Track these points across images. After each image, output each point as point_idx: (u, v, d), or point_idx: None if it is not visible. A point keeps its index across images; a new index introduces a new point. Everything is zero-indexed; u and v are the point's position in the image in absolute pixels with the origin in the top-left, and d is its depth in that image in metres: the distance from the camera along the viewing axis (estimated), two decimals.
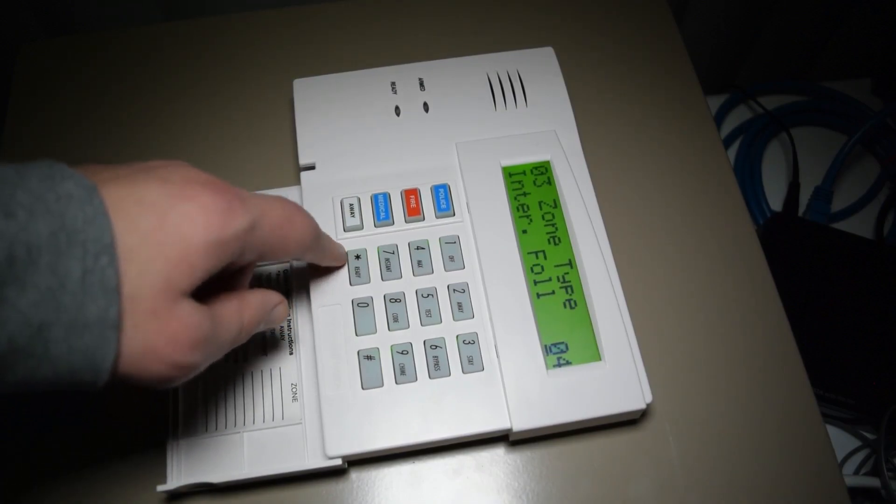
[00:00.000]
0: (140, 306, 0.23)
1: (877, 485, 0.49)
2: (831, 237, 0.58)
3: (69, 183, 0.23)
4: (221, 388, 0.35)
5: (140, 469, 0.35)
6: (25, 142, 0.44)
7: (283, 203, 0.29)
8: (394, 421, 0.33)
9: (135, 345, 0.23)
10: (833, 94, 0.69)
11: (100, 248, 0.22)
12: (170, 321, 0.24)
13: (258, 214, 0.27)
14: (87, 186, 0.23)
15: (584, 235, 0.37)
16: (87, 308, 0.22)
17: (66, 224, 0.22)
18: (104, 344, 0.23)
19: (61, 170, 0.23)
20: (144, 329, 0.24)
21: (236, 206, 0.26)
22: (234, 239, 0.25)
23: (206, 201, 0.25)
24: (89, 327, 0.22)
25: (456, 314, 0.35)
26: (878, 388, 0.51)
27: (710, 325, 0.39)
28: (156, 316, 0.24)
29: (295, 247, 0.30)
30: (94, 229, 0.22)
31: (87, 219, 0.22)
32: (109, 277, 0.22)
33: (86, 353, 0.22)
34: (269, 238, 0.28)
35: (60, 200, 0.22)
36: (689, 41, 0.49)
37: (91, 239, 0.22)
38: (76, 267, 0.22)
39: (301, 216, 0.30)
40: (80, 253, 0.22)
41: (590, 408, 0.33)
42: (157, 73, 0.47)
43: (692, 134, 0.44)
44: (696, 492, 0.35)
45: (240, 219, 0.26)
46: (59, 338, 0.22)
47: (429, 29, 0.48)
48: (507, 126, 0.40)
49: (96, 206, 0.23)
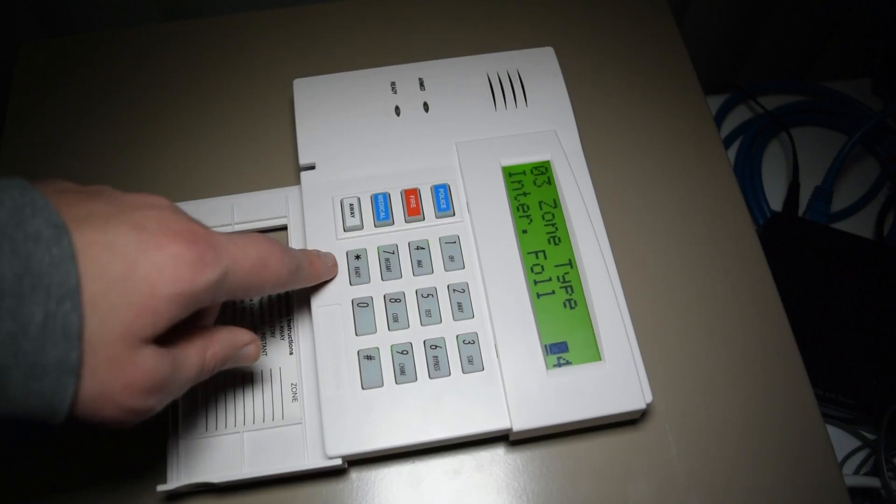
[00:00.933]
0: (100, 353, 0.23)
1: (877, 485, 0.49)
2: (831, 237, 0.58)
3: (38, 220, 0.22)
4: (221, 388, 0.35)
5: (140, 469, 0.35)
6: (25, 142, 0.44)
7: (258, 245, 0.29)
8: (394, 421, 0.33)
9: (91, 390, 0.23)
10: (833, 94, 0.69)
11: (63, 292, 0.22)
12: (128, 369, 0.24)
13: (230, 263, 0.26)
14: (57, 225, 0.23)
15: (584, 235, 0.37)
16: (47, 353, 0.22)
17: (32, 267, 0.22)
18: (62, 388, 0.22)
19: (32, 200, 0.23)
20: (102, 376, 0.23)
21: (208, 258, 0.25)
22: (202, 291, 0.25)
23: (176, 252, 0.25)
24: (48, 372, 0.22)
25: (456, 314, 0.35)
26: (878, 388, 0.51)
27: (710, 325, 0.39)
28: (115, 363, 0.24)
29: (270, 286, 0.30)
30: (59, 273, 0.22)
31: (53, 262, 0.22)
32: (71, 323, 0.22)
33: (43, 395, 0.22)
34: (242, 283, 0.28)
35: (28, 240, 0.22)
36: (689, 41, 0.49)
37: (55, 283, 0.22)
38: (38, 312, 0.22)
39: (276, 257, 0.29)
40: (43, 297, 0.22)
41: (590, 408, 0.33)
42: (156, 74, 0.47)
43: (692, 134, 0.44)
44: (696, 492, 0.35)
45: (210, 271, 0.25)
46: (17, 381, 0.22)
47: (429, 29, 0.48)
48: (507, 126, 0.40)
49: (64, 249, 0.22)
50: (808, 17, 0.71)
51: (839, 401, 0.51)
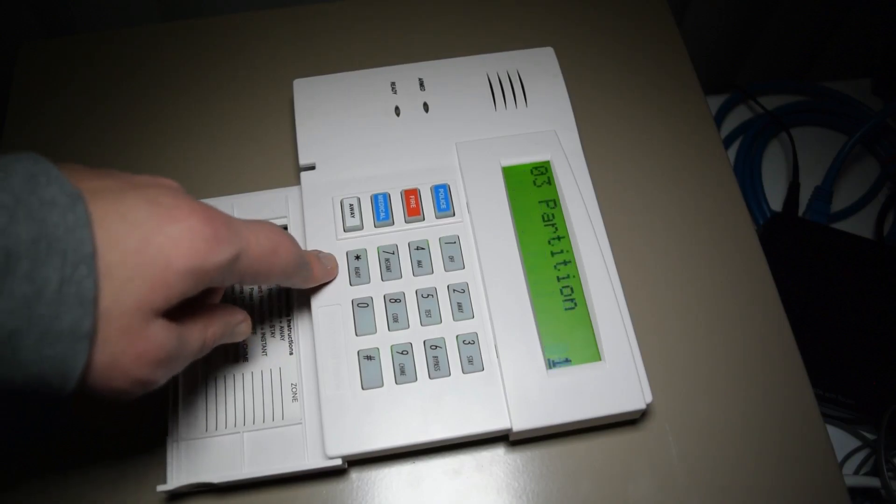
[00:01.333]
0: (114, 323, 0.23)
1: (877, 485, 0.49)
2: (831, 237, 0.58)
3: (53, 188, 0.22)
4: (221, 388, 0.35)
5: (140, 469, 0.35)
6: (25, 142, 0.44)
7: (269, 232, 0.29)
8: (394, 421, 0.33)
9: (103, 359, 0.23)
10: (833, 94, 0.69)
11: (79, 258, 0.22)
12: (139, 340, 0.24)
13: (244, 245, 0.27)
14: (71, 193, 0.23)
15: (584, 235, 0.37)
16: (62, 318, 0.22)
17: (47, 232, 0.22)
18: (75, 355, 0.22)
19: (46, 170, 0.23)
20: (114, 345, 0.24)
21: (223, 236, 0.25)
22: (215, 268, 0.25)
23: (192, 227, 0.25)
24: (62, 337, 0.22)
25: (456, 314, 0.35)
26: (878, 388, 0.51)
27: (710, 325, 0.39)
28: (127, 334, 0.24)
29: (277, 276, 0.30)
30: (74, 239, 0.22)
31: (68, 227, 0.22)
32: (86, 289, 0.22)
33: (55, 361, 0.22)
34: (252, 267, 0.28)
35: (43, 206, 0.22)
36: (689, 41, 0.49)
37: (71, 248, 0.22)
38: (54, 276, 0.21)
39: (285, 247, 0.30)
40: (58, 262, 0.22)
41: (590, 408, 0.33)
42: (156, 73, 0.47)
43: (692, 134, 0.44)
44: (696, 492, 0.35)
45: (225, 249, 0.25)
46: (30, 346, 0.22)
47: (429, 29, 0.48)
48: (507, 126, 0.40)
49: (79, 215, 0.22)
50: (808, 17, 0.71)
51: (839, 401, 0.51)
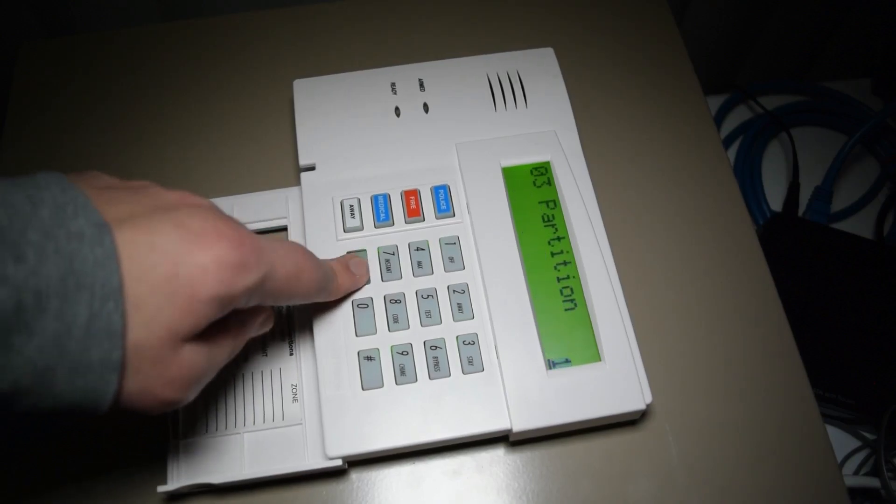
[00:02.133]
0: (144, 353, 0.24)
1: (877, 485, 0.49)
2: (831, 237, 0.58)
3: (81, 220, 0.22)
4: (221, 388, 0.35)
5: (140, 469, 0.35)
6: (25, 142, 0.44)
7: (296, 255, 0.29)
8: (394, 421, 0.33)
9: (135, 386, 0.24)
10: (833, 94, 0.69)
11: (107, 292, 0.22)
12: (170, 366, 0.25)
13: (270, 269, 0.27)
14: (99, 224, 0.23)
15: (584, 235, 0.37)
16: (91, 351, 0.22)
17: (75, 267, 0.22)
18: (105, 384, 0.23)
19: (74, 198, 0.23)
20: (145, 374, 0.24)
21: (250, 262, 0.26)
22: (242, 294, 0.26)
23: (220, 255, 0.25)
24: (92, 369, 0.22)
25: (456, 315, 0.35)
26: (878, 388, 0.51)
27: (710, 325, 0.39)
28: (158, 362, 0.24)
29: (300, 297, 0.31)
30: (102, 273, 0.22)
31: (96, 261, 0.22)
32: (115, 322, 0.22)
33: (87, 391, 0.23)
34: (277, 290, 0.28)
35: (71, 240, 0.22)
36: (689, 41, 0.49)
37: (99, 283, 0.22)
38: (83, 312, 0.22)
39: (309, 270, 0.30)
40: (87, 297, 0.22)
41: (590, 408, 0.33)
42: (156, 74, 0.47)
43: (692, 134, 0.44)
44: (696, 492, 0.35)
45: (252, 275, 0.26)
46: (62, 378, 0.22)
47: (429, 29, 0.48)
48: (507, 126, 0.40)
49: (106, 249, 0.22)
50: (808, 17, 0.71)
51: (839, 401, 0.51)
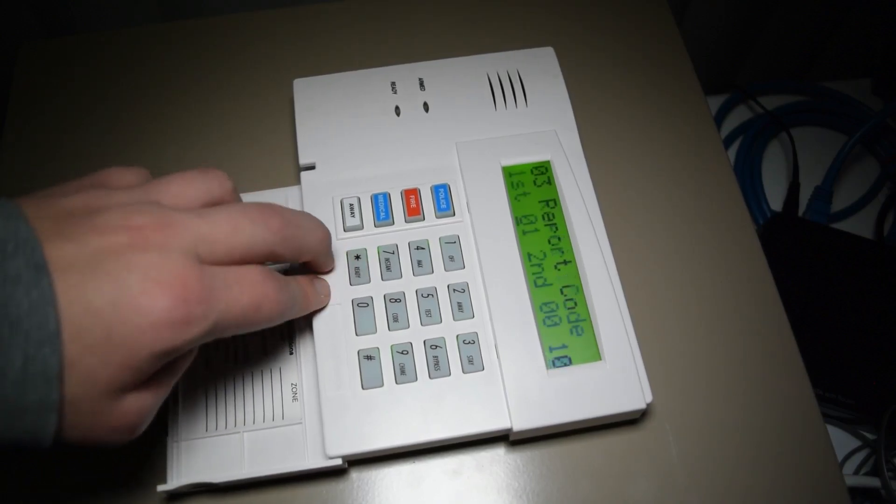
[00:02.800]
0: (81, 408, 0.23)
1: (877, 485, 0.49)
2: (831, 237, 0.58)
3: (19, 260, 0.22)
4: (221, 388, 0.35)
5: (140, 469, 0.35)
6: (25, 142, 0.44)
7: (253, 289, 0.27)
8: (394, 421, 0.33)
9: (75, 433, 0.24)
10: (833, 94, 0.69)
11: (43, 336, 0.22)
12: (111, 416, 0.24)
13: (220, 314, 0.25)
14: (38, 266, 0.22)
15: (584, 235, 0.37)
16: (28, 395, 0.22)
17: (10, 311, 0.21)
18: (44, 425, 0.23)
19: (16, 232, 0.22)
20: (87, 425, 0.24)
21: (195, 315, 0.24)
22: (186, 344, 0.25)
23: (159, 314, 0.23)
24: (30, 411, 0.22)
25: (456, 314, 0.35)
26: (878, 388, 0.51)
27: (710, 325, 0.39)
28: (96, 415, 0.24)
29: (262, 325, 0.29)
30: (38, 317, 0.22)
31: (32, 306, 0.22)
32: (51, 367, 0.22)
33: (25, 431, 0.23)
34: (230, 327, 0.27)
35: (7, 283, 0.21)
36: (689, 41, 0.49)
37: (35, 327, 0.22)
38: (17, 357, 0.21)
39: (270, 300, 0.28)
40: (22, 342, 0.21)
41: (590, 408, 0.33)
42: (156, 73, 0.47)
43: (692, 134, 0.44)
44: (696, 492, 0.35)
45: (197, 327, 0.24)
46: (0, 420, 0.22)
47: (429, 29, 0.48)
48: (507, 126, 0.40)
49: (43, 292, 0.22)
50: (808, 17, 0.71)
51: (839, 401, 0.51)
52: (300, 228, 0.30)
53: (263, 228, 0.28)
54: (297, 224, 0.30)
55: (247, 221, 0.28)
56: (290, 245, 0.30)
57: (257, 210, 0.28)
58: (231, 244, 0.27)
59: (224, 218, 0.27)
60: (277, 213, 0.29)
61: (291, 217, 0.30)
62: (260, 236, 0.28)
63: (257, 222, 0.28)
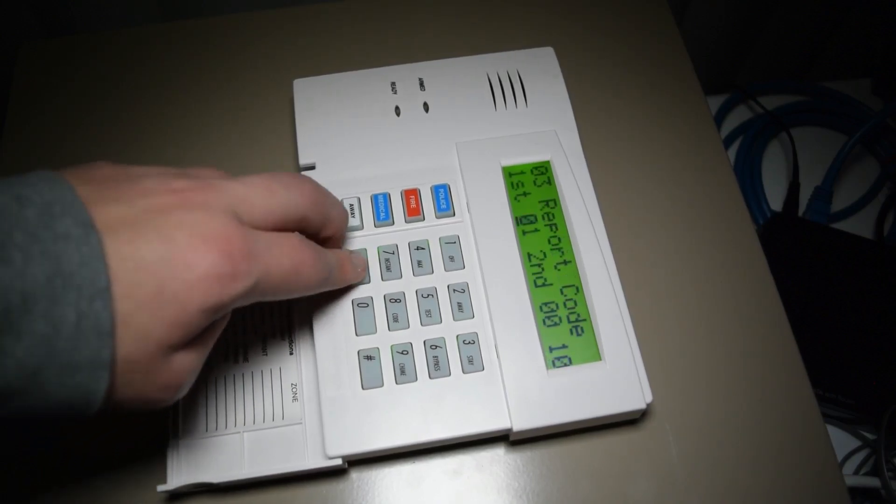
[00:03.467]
0: (134, 367, 0.24)
1: (877, 485, 0.49)
2: (831, 237, 0.58)
3: (68, 220, 0.22)
4: (221, 388, 0.35)
5: (140, 469, 0.35)
6: (25, 142, 0.44)
7: (293, 252, 0.28)
8: (394, 421, 0.33)
9: (126, 394, 0.24)
10: (833, 94, 0.69)
11: (94, 291, 0.22)
12: (161, 375, 0.25)
13: (262, 273, 0.26)
14: (86, 224, 0.23)
15: (584, 235, 0.37)
16: (81, 350, 0.22)
17: (62, 267, 0.22)
18: (95, 382, 0.23)
19: (62, 196, 0.23)
20: (137, 384, 0.24)
21: (240, 271, 0.25)
22: (232, 301, 0.25)
23: (207, 268, 0.24)
24: (82, 368, 0.22)
25: (456, 314, 0.35)
26: (878, 388, 0.51)
27: (711, 325, 0.39)
28: (149, 373, 0.24)
29: (301, 291, 0.30)
30: (89, 272, 0.22)
31: (83, 261, 0.22)
32: (104, 322, 0.22)
33: (78, 389, 0.23)
34: (272, 289, 0.28)
35: (58, 240, 0.22)
36: (689, 41, 0.49)
37: (86, 282, 0.22)
38: (71, 312, 0.22)
39: (309, 265, 0.29)
40: (74, 297, 0.22)
41: (590, 408, 0.33)
42: (156, 73, 0.47)
43: (692, 134, 0.44)
44: (696, 492, 0.35)
45: (242, 283, 0.25)
46: (53, 378, 0.22)
47: (429, 29, 0.48)
48: (507, 126, 0.40)
49: (93, 247, 0.22)
50: (808, 17, 0.71)
51: (839, 401, 0.51)
52: (328, 197, 0.32)
53: (298, 193, 0.29)
54: (325, 193, 0.32)
55: (281, 186, 0.29)
56: (320, 212, 0.31)
57: (290, 177, 0.30)
58: (268, 207, 0.28)
59: (260, 182, 0.28)
60: (308, 181, 0.31)
61: (320, 187, 0.31)
62: (294, 200, 0.29)
63: (291, 187, 0.29)
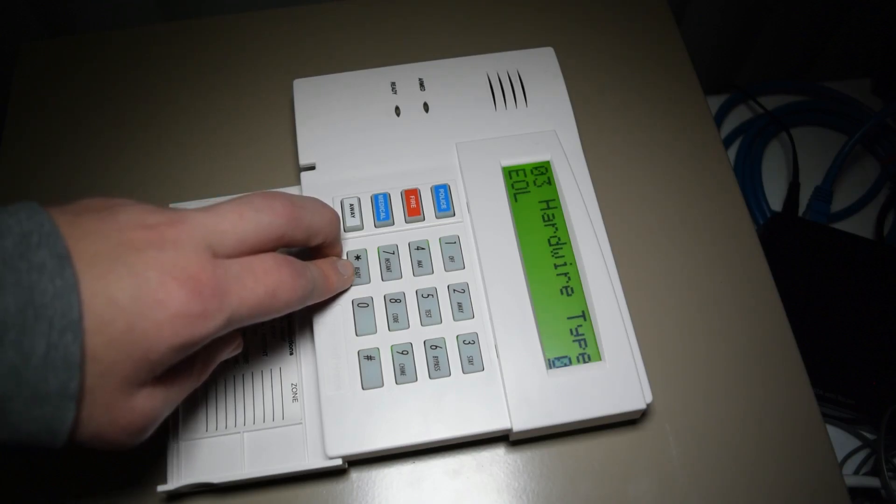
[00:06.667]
0: (97, 401, 0.24)
1: (877, 485, 0.49)
2: (831, 237, 0.58)
3: (43, 251, 0.22)
4: (221, 388, 0.35)
5: (140, 469, 0.35)
6: (25, 142, 0.44)
7: (268, 277, 0.28)
8: (394, 421, 0.33)
9: (88, 431, 0.24)
10: (833, 94, 0.69)
11: (66, 324, 0.22)
12: (124, 414, 0.25)
13: (236, 307, 0.26)
14: (62, 255, 0.23)
15: (584, 235, 0.37)
16: (49, 382, 0.22)
17: (35, 298, 0.22)
18: (62, 414, 0.23)
19: (39, 226, 0.23)
20: (99, 421, 0.24)
21: (210, 308, 0.25)
22: (202, 339, 0.25)
23: (178, 308, 0.24)
24: (49, 399, 0.22)
25: (456, 314, 0.35)
26: (878, 388, 0.51)
27: (711, 325, 0.39)
28: (111, 410, 0.24)
29: (280, 312, 0.29)
30: (62, 304, 0.22)
31: (56, 293, 0.22)
32: (73, 353, 0.22)
33: (44, 421, 0.23)
34: (247, 318, 0.27)
35: (32, 270, 0.22)
36: (689, 41, 0.49)
37: (58, 314, 0.22)
38: (41, 343, 0.22)
39: (287, 287, 0.28)
40: (45, 328, 0.22)
41: (590, 408, 0.33)
42: (156, 73, 0.47)
43: (692, 134, 0.44)
44: (696, 492, 0.35)
45: (212, 322, 0.25)
46: (19, 409, 0.22)
47: (429, 29, 0.48)
48: (507, 126, 0.40)
49: (66, 280, 0.22)
50: (808, 17, 0.71)
51: (839, 401, 0.51)
52: (305, 210, 0.31)
53: (269, 213, 0.29)
54: (302, 206, 0.31)
55: (251, 210, 0.28)
56: (299, 226, 0.30)
57: (261, 197, 0.29)
58: (240, 234, 0.28)
59: (230, 209, 0.28)
60: (281, 197, 0.30)
61: (296, 199, 0.30)
62: (265, 221, 0.28)
63: (261, 208, 0.29)
